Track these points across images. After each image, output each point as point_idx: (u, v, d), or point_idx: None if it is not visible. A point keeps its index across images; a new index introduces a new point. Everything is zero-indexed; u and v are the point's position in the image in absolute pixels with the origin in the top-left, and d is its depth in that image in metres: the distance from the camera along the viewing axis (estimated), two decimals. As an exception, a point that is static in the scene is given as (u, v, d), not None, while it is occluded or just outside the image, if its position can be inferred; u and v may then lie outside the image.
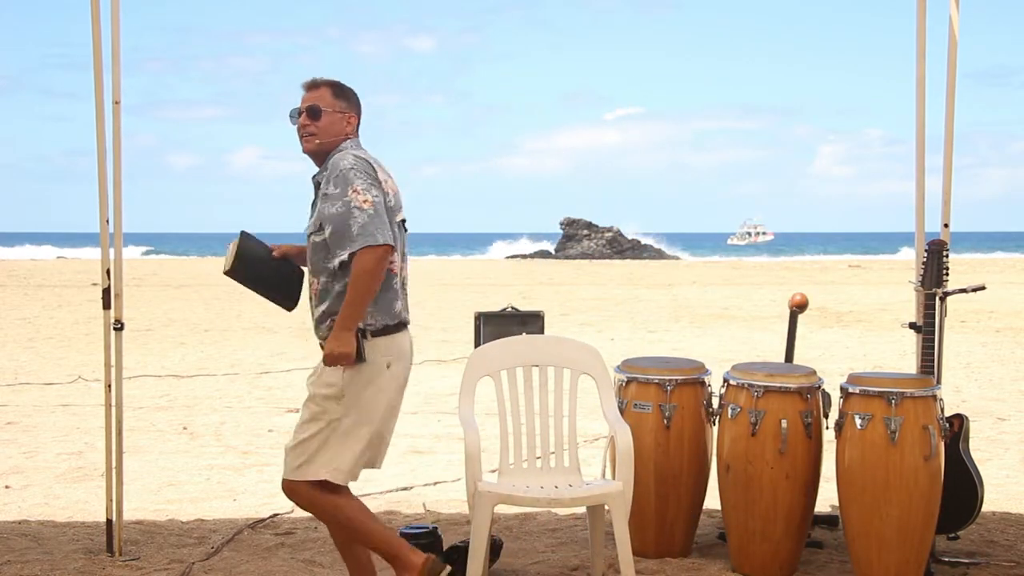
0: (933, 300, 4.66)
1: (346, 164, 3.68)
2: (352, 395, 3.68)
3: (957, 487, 4.56)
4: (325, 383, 3.69)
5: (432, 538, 4.43)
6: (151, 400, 9.15)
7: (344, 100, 3.86)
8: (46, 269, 34.17)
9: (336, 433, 3.68)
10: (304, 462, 3.69)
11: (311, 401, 3.73)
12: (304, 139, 3.82)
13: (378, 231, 3.60)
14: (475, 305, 16.19)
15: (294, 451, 3.72)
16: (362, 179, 3.65)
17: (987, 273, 29.13)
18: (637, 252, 54.75)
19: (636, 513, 4.48)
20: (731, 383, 4.66)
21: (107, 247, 4.66)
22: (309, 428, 3.70)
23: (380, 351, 3.74)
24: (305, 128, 3.81)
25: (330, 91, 3.84)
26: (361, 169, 3.68)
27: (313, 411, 3.71)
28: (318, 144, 3.80)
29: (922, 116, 4.84)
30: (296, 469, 3.71)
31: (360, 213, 3.60)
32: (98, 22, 4.61)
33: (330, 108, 3.80)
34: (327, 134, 3.80)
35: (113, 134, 4.71)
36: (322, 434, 3.68)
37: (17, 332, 15.17)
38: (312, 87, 3.86)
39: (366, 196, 3.62)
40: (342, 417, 3.68)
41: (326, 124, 3.80)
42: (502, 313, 6.31)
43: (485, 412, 5.50)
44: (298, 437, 3.72)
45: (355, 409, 3.69)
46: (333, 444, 3.68)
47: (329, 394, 3.68)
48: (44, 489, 6.19)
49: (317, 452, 3.68)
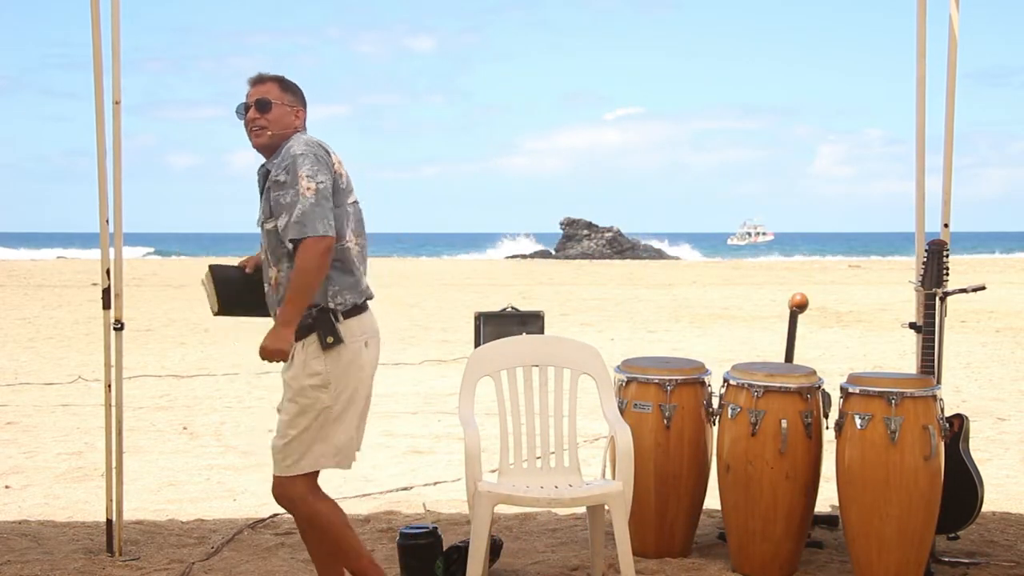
0: (933, 300, 4.66)
1: (296, 150, 3.64)
2: (336, 380, 3.65)
3: (957, 487, 4.56)
4: (310, 373, 3.63)
5: (432, 538, 4.43)
6: (151, 400, 9.15)
7: (291, 94, 3.82)
8: (46, 269, 34.16)
9: (329, 421, 3.66)
10: (300, 456, 3.64)
11: (298, 395, 3.65)
12: (254, 133, 3.77)
13: (318, 220, 3.54)
14: (475, 305, 16.20)
15: (287, 447, 3.66)
16: (309, 164, 3.60)
17: (987, 273, 29.13)
18: (637, 252, 54.74)
19: (636, 513, 4.48)
20: (731, 383, 4.66)
21: (107, 247, 4.66)
22: (300, 422, 3.64)
23: (355, 332, 3.70)
24: (255, 122, 3.75)
25: (277, 85, 3.80)
26: (311, 153, 3.63)
27: (302, 404, 3.64)
28: (269, 137, 3.75)
29: (922, 116, 4.84)
30: (291, 466, 3.65)
31: (303, 200, 3.56)
32: (98, 22, 4.61)
33: (279, 101, 3.76)
34: (277, 126, 3.76)
35: (113, 134, 4.71)
36: (315, 425, 3.64)
37: (17, 332, 15.16)
38: (259, 82, 3.81)
39: (309, 183, 3.57)
40: (332, 404, 3.65)
41: (276, 117, 3.75)
42: (502, 313, 6.31)
43: (485, 412, 5.50)
44: (290, 433, 3.65)
45: (343, 394, 3.67)
46: (327, 434, 3.66)
47: (316, 384, 3.63)
48: (44, 489, 6.19)
49: (313, 444, 3.65)
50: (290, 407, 3.67)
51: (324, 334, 3.62)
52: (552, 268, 39.28)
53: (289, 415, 3.67)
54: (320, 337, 3.62)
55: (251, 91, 3.81)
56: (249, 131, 3.79)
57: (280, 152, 3.73)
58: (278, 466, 3.69)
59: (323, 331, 3.63)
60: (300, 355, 3.65)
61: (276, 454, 3.70)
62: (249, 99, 3.79)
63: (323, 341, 3.62)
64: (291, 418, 3.67)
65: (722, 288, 25.90)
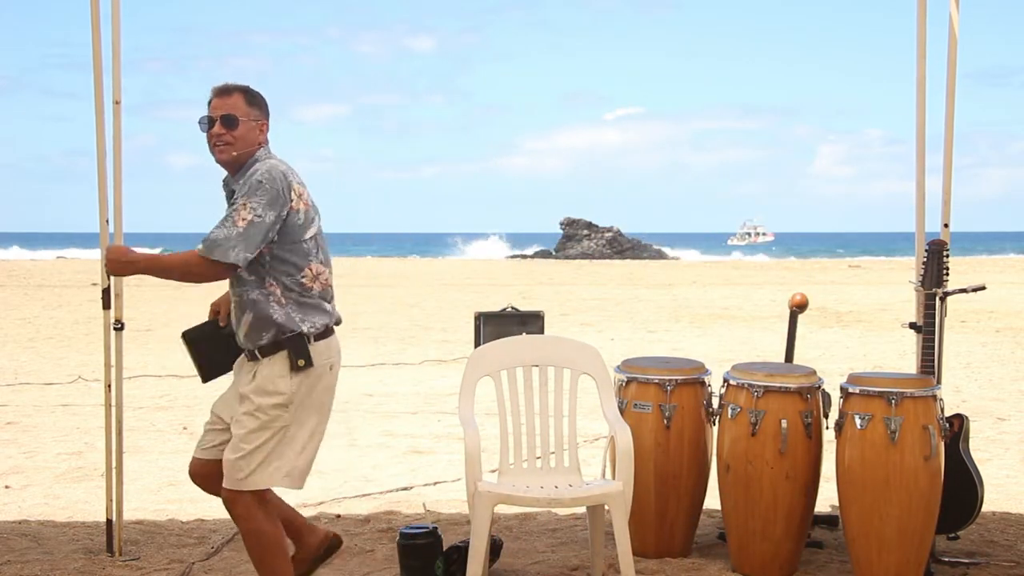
0: (933, 300, 4.66)
1: (257, 177, 3.58)
2: (299, 401, 3.65)
3: (957, 487, 4.56)
4: (273, 392, 3.61)
5: (432, 538, 4.43)
6: (151, 400, 9.15)
7: (257, 108, 3.73)
8: (46, 269, 34.16)
9: (285, 440, 3.64)
10: (252, 472, 3.62)
11: (259, 411, 3.62)
12: (219, 149, 3.67)
13: (228, 249, 3.51)
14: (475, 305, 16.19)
15: (241, 461, 3.62)
16: (260, 197, 3.54)
17: (987, 273, 29.13)
18: (637, 252, 54.74)
19: (636, 513, 4.48)
20: (731, 383, 4.66)
21: (107, 247, 4.65)
22: (257, 438, 3.61)
23: (323, 354, 3.69)
24: (221, 137, 3.66)
25: (243, 98, 3.71)
26: (268, 184, 3.56)
27: (262, 420, 3.62)
28: (234, 155, 3.68)
29: (922, 116, 4.84)
30: (243, 480, 3.63)
31: (231, 227, 3.52)
32: (98, 22, 4.61)
33: (245, 117, 3.67)
34: (243, 144, 3.67)
35: (113, 134, 4.71)
36: (271, 442, 3.63)
37: (17, 332, 15.17)
38: (224, 93, 3.70)
39: (247, 214, 3.52)
40: (290, 424, 3.64)
41: (242, 133, 3.66)
42: (502, 313, 6.31)
43: (485, 412, 5.50)
44: (244, 448, 3.62)
45: (303, 414, 3.66)
46: (284, 451, 3.65)
47: (278, 402, 3.62)
48: (44, 489, 6.19)
49: (266, 460, 3.63)
50: (248, 421, 3.64)
51: (296, 356, 3.62)
52: (552, 268, 39.28)
53: (246, 429, 3.63)
54: (291, 358, 3.62)
55: (215, 103, 3.70)
56: (213, 146, 3.70)
57: (246, 171, 3.67)
58: (229, 479, 3.65)
59: (295, 353, 3.62)
60: (265, 371, 3.64)
61: (228, 467, 3.65)
62: (214, 113, 3.69)
63: (294, 362, 3.62)
64: (247, 432, 3.63)
65: (722, 288, 25.90)
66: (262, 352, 3.64)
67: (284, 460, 3.65)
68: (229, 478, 3.66)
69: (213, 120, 3.68)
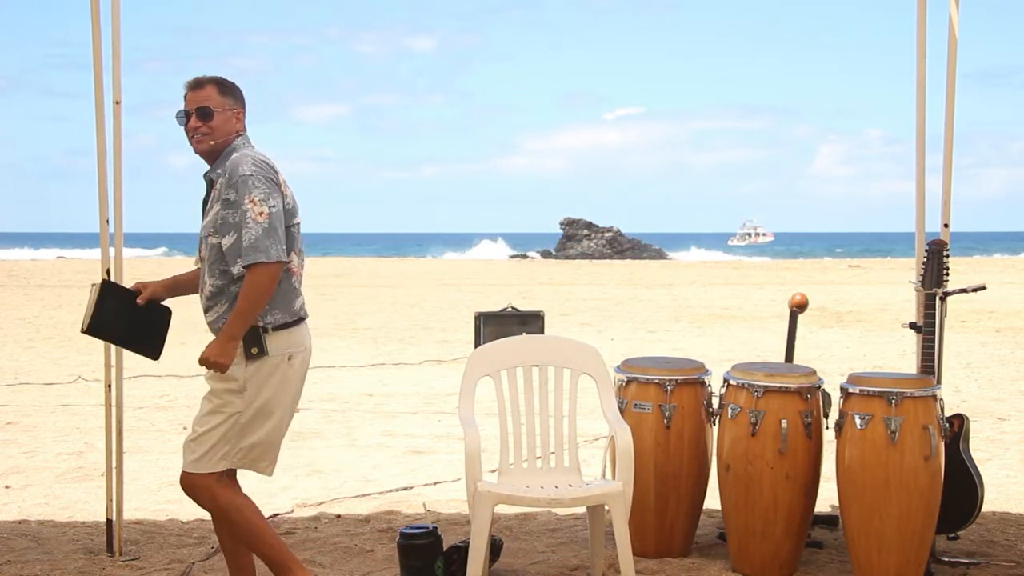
0: (933, 300, 4.66)
1: (246, 170, 3.64)
2: (254, 388, 3.69)
3: (957, 487, 4.56)
4: (227, 377, 3.67)
5: (432, 538, 4.43)
6: (151, 400, 9.15)
7: (231, 97, 3.81)
8: (46, 269, 34.17)
9: (236, 426, 3.69)
10: (203, 454, 3.69)
11: (212, 395, 3.71)
12: (197, 140, 3.77)
13: (272, 246, 3.59)
14: (475, 305, 16.20)
15: (193, 443, 3.71)
16: (260, 188, 3.63)
17: (987, 273, 29.14)
18: (637, 252, 54.75)
19: (636, 513, 4.48)
20: (731, 383, 4.66)
21: (107, 247, 4.66)
22: (209, 421, 3.70)
23: (281, 345, 3.73)
24: (197, 130, 3.75)
25: (216, 89, 3.79)
26: (261, 176, 3.65)
27: (215, 404, 3.70)
28: (211, 145, 3.77)
29: (922, 116, 4.84)
30: (195, 462, 3.71)
31: (255, 226, 3.59)
32: (98, 22, 4.62)
33: (220, 108, 3.76)
34: (220, 134, 3.76)
35: (113, 134, 4.71)
36: (222, 427, 3.68)
37: (17, 332, 15.17)
38: (197, 86, 3.79)
39: (262, 208, 3.61)
40: (243, 410, 3.69)
41: (218, 124, 3.75)
42: (502, 313, 6.32)
43: (485, 412, 5.50)
44: (197, 430, 3.72)
45: (257, 401, 3.70)
46: (232, 437, 3.70)
47: (231, 388, 3.67)
48: (44, 489, 6.19)
49: (216, 444, 3.69)
50: (205, 405, 3.75)
51: (249, 344, 3.66)
52: (552, 268, 39.29)
53: (202, 412, 3.74)
54: (245, 346, 3.66)
55: (189, 96, 3.79)
56: (191, 139, 3.79)
57: (224, 160, 3.74)
58: (184, 461, 3.75)
59: (248, 341, 3.66)
60: None
61: (184, 448, 3.76)
62: (189, 106, 3.78)
63: (247, 351, 3.67)
64: (202, 416, 3.74)
65: (722, 288, 25.90)
66: None
67: (233, 445, 3.70)
68: (184, 459, 3.75)
69: (188, 113, 3.77)
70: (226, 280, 3.71)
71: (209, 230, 3.73)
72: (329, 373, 10.82)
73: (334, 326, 15.99)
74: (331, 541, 5.02)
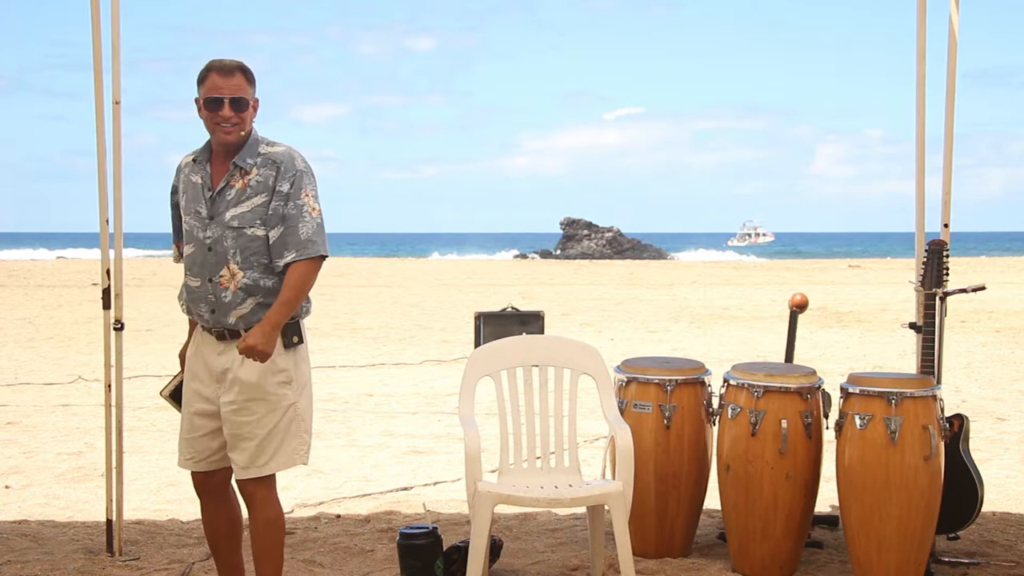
0: (933, 300, 4.66)
1: (301, 165, 3.64)
2: (299, 377, 3.69)
3: (957, 487, 4.56)
4: (276, 371, 3.62)
5: (432, 538, 4.43)
6: (151, 400, 9.14)
7: (253, 86, 3.69)
8: (46, 269, 34.17)
9: (297, 417, 3.68)
10: (274, 455, 3.63)
11: (265, 395, 3.61)
12: (226, 132, 3.61)
13: (325, 242, 3.65)
14: (475, 305, 16.20)
15: (256, 448, 3.61)
16: (314, 184, 3.66)
17: (987, 273, 29.14)
18: (637, 252, 54.75)
19: (636, 513, 4.48)
20: (731, 383, 4.66)
21: (107, 247, 4.66)
22: (271, 420, 3.62)
23: (306, 331, 3.79)
24: (229, 120, 3.60)
25: (245, 78, 3.65)
26: (311, 172, 3.68)
27: (271, 403, 3.62)
28: (241, 135, 3.64)
29: (922, 116, 4.84)
30: (270, 462, 3.63)
31: (311, 220, 3.60)
32: (98, 22, 4.61)
33: (250, 98, 3.66)
34: (248, 124, 3.66)
35: (113, 134, 4.71)
36: (284, 421, 3.64)
37: (17, 332, 15.17)
38: (227, 72, 3.61)
39: (316, 204, 3.64)
40: (297, 400, 3.68)
41: (249, 115, 3.66)
42: (502, 313, 6.32)
43: (485, 412, 5.50)
44: (258, 434, 3.61)
45: (305, 389, 3.72)
46: (296, 430, 3.67)
47: (281, 380, 3.64)
48: (44, 489, 6.19)
49: (286, 440, 3.65)
50: (254, 408, 3.62)
51: (290, 334, 3.65)
52: (552, 268, 39.28)
53: (256, 415, 3.62)
54: (286, 336, 3.63)
55: (219, 82, 3.60)
56: (217, 125, 3.61)
57: (252, 150, 3.63)
58: (246, 468, 3.63)
59: (289, 331, 3.65)
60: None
61: (242, 454, 3.63)
62: (222, 93, 3.59)
63: (288, 340, 3.65)
64: (259, 418, 3.62)
65: (722, 288, 25.90)
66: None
67: (299, 437, 3.69)
68: (245, 468, 3.63)
69: (221, 100, 3.60)
70: (263, 273, 3.62)
71: (251, 220, 3.59)
72: (329, 373, 10.82)
73: (334, 326, 15.99)
74: (331, 541, 5.02)
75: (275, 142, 3.72)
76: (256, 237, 3.61)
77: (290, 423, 3.66)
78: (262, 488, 3.67)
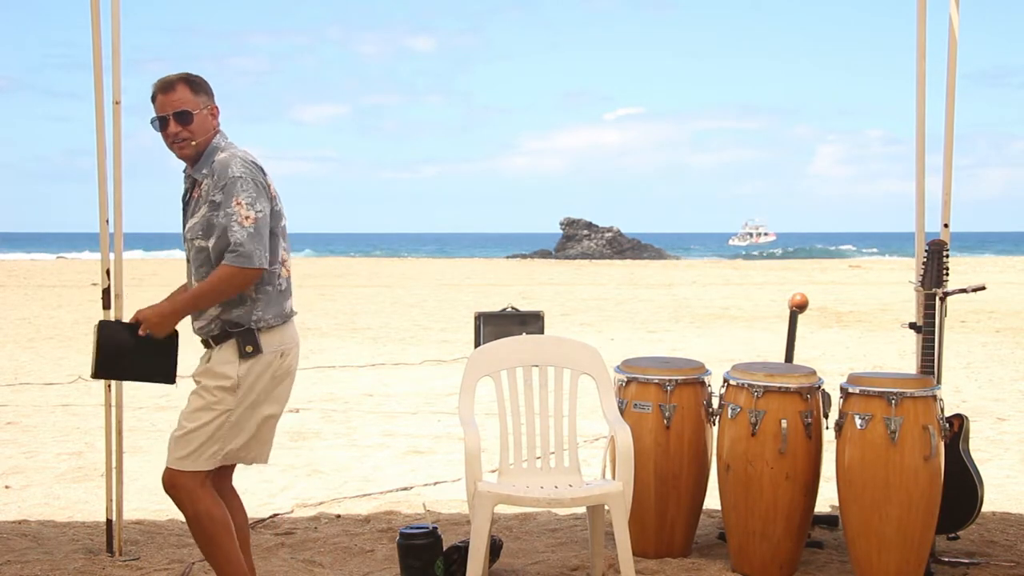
0: (933, 300, 4.66)
1: (235, 172, 3.56)
2: (247, 387, 3.64)
3: (957, 487, 4.56)
4: (220, 375, 3.62)
5: (432, 538, 4.43)
6: (151, 400, 9.14)
7: (203, 94, 3.69)
8: (46, 269, 34.18)
9: (227, 424, 3.63)
10: (191, 452, 3.62)
11: (203, 391, 3.63)
12: (179, 147, 3.64)
13: (255, 252, 3.54)
14: (475, 305, 16.21)
15: (181, 440, 3.62)
16: (248, 191, 3.56)
17: (987, 273, 29.14)
18: (637, 252, 54.75)
19: (636, 513, 4.48)
20: (731, 383, 4.66)
21: (107, 247, 4.66)
22: (199, 417, 3.62)
23: (275, 342, 3.69)
24: (178, 135, 3.62)
25: (188, 88, 3.65)
26: (250, 178, 3.58)
27: (206, 401, 3.62)
28: (194, 147, 3.64)
29: (922, 116, 4.84)
30: (181, 459, 3.63)
31: (240, 230, 3.53)
32: (98, 22, 4.61)
33: (196, 108, 3.63)
34: (200, 133, 3.64)
35: (113, 134, 4.71)
36: (212, 424, 3.62)
37: (17, 332, 15.17)
38: (167, 88, 3.64)
39: (249, 212, 3.54)
40: (235, 408, 3.63)
41: (198, 125, 3.63)
42: (502, 313, 6.32)
43: (485, 412, 5.50)
44: (185, 426, 3.63)
45: (248, 399, 3.65)
46: (222, 436, 3.63)
47: (224, 385, 3.62)
48: (44, 489, 6.19)
49: (206, 443, 3.62)
50: (194, 400, 3.65)
51: (244, 343, 3.63)
52: (552, 268, 39.27)
53: (190, 408, 3.65)
54: (239, 345, 3.63)
55: (162, 100, 3.64)
56: (171, 145, 3.65)
57: (208, 160, 3.65)
58: (170, 457, 3.67)
59: (243, 340, 3.63)
60: (216, 356, 3.66)
61: (171, 445, 3.68)
62: (163, 110, 3.63)
63: (242, 349, 3.63)
64: (191, 411, 3.64)
65: (722, 288, 25.90)
66: (215, 340, 3.67)
67: (223, 444, 3.64)
68: (169, 456, 3.66)
69: (166, 119, 3.63)
70: None
71: (196, 232, 3.64)
72: (329, 373, 10.82)
73: (334, 326, 15.99)
74: (331, 541, 5.02)
75: (229, 147, 3.69)
76: (203, 248, 3.65)
77: (218, 428, 3.62)
78: (181, 482, 3.65)
